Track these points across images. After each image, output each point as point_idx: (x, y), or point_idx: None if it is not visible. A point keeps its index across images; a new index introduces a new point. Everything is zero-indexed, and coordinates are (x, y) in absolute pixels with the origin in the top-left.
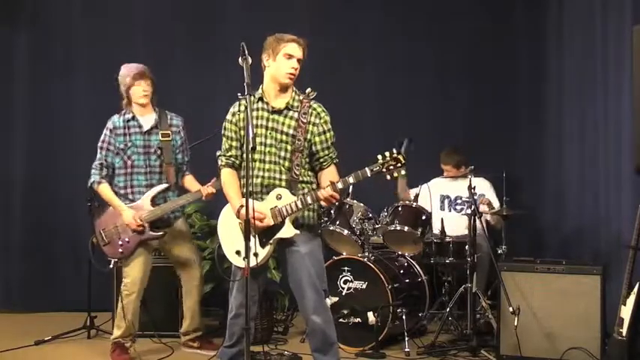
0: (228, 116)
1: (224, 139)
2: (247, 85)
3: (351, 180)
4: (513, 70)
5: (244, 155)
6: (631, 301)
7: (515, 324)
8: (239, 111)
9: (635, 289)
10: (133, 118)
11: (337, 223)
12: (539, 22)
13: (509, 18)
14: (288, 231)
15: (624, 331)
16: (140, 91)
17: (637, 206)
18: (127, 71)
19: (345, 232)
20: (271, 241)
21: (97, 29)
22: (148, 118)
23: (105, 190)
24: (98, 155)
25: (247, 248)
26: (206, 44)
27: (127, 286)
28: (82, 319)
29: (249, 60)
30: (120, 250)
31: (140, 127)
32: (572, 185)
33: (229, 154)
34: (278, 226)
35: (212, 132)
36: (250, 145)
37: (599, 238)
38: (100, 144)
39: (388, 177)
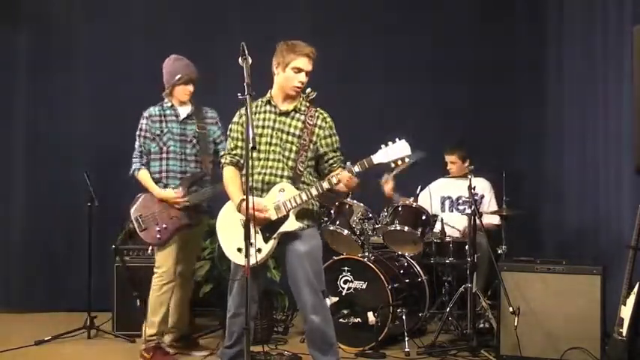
0: (235, 118)
1: (229, 139)
2: (247, 85)
3: (356, 169)
4: (513, 70)
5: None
6: (631, 301)
7: (515, 324)
8: (246, 113)
9: (635, 289)
10: (172, 107)
11: (337, 223)
12: (539, 23)
13: (510, 18)
14: (292, 224)
15: (624, 331)
16: (184, 92)
17: (637, 206)
18: (176, 69)
19: (345, 232)
20: (275, 236)
21: (97, 28)
22: (184, 109)
23: (144, 176)
24: (137, 144)
25: (247, 248)
26: (206, 44)
27: (162, 276)
28: (82, 319)
29: (249, 60)
30: (158, 235)
31: (177, 115)
32: (572, 185)
33: (234, 152)
34: (281, 220)
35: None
36: (250, 145)
37: (599, 238)
38: (137, 132)
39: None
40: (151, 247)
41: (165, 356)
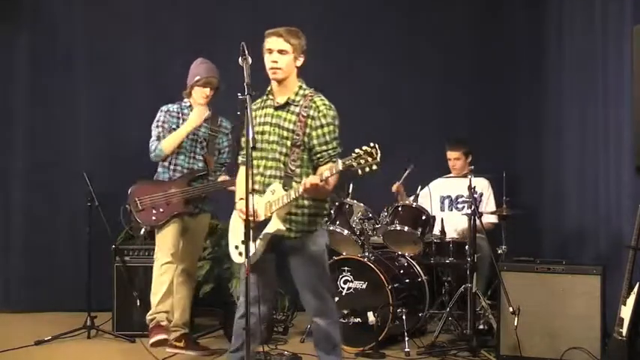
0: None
1: (242, 139)
2: (247, 85)
3: (326, 174)
4: (513, 70)
5: (254, 153)
6: (631, 301)
7: (515, 324)
8: (255, 109)
9: (635, 289)
10: (190, 107)
11: (337, 223)
12: (539, 22)
13: (510, 18)
14: (273, 225)
15: (624, 331)
16: (201, 95)
17: (637, 206)
18: (198, 71)
19: (345, 232)
20: (261, 236)
21: (98, 28)
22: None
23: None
24: (154, 132)
25: (247, 248)
26: (206, 43)
27: (160, 259)
28: (82, 319)
29: (249, 60)
30: (153, 217)
31: None
32: (572, 185)
33: (244, 152)
34: (268, 222)
35: None
36: (250, 145)
37: (599, 238)
38: (155, 124)
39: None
40: (143, 230)
41: (156, 329)
